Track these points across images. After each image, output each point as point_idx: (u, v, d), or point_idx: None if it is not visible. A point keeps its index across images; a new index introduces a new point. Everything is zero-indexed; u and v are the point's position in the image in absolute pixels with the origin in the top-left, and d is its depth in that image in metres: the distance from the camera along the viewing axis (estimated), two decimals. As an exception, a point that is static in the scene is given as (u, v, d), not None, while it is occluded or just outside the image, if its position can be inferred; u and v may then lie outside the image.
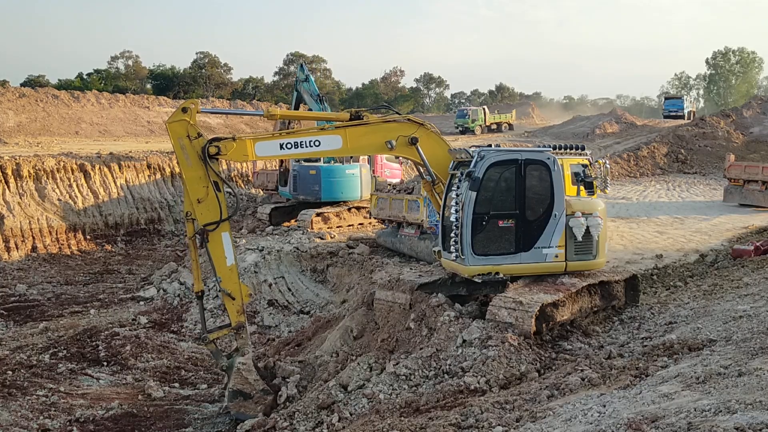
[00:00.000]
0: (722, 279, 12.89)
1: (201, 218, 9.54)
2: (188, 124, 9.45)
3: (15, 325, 14.62)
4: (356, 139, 10.25)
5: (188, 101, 9.74)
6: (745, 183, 23.85)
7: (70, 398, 10.85)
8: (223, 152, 9.60)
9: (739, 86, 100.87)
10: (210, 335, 9.90)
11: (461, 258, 9.89)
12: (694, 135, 39.94)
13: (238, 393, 9.74)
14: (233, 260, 9.79)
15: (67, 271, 19.41)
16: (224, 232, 9.65)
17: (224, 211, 9.59)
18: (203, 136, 9.59)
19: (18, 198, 20.98)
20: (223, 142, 9.63)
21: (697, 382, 6.13)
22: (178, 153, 9.57)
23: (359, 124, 10.24)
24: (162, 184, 26.06)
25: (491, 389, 8.07)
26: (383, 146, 10.37)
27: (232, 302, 9.69)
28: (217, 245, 9.64)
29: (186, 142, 9.48)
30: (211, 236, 9.56)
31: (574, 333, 10.01)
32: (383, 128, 10.38)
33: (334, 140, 10.20)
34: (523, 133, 57.08)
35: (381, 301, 11.02)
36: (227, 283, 9.65)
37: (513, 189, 10.00)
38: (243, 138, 9.93)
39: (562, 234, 10.08)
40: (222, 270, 9.66)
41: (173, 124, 9.51)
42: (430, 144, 10.58)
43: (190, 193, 9.61)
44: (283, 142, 10.03)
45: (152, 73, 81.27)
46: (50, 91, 50.45)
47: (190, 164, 9.50)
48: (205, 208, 9.54)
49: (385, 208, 17.27)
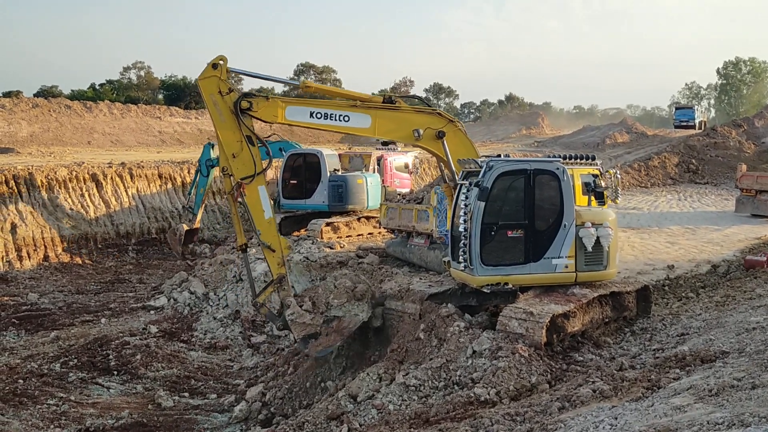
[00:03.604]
0: (735, 290, 12.78)
1: (237, 172, 9.78)
2: (219, 79, 9.70)
3: (26, 334, 14.68)
4: (385, 122, 10.37)
5: (218, 57, 9.95)
6: (758, 193, 23.65)
7: (80, 407, 10.87)
8: (254, 108, 9.82)
9: (751, 96, 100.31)
10: (259, 299, 10.33)
11: (470, 268, 9.87)
12: (706, 145, 39.72)
13: (307, 338, 10.03)
14: (271, 213, 10.10)
15: (79, 280, 19.51)
16: (260, 186, 9.93)
17: (258, 165, 9.83)
18: (235, 90, 9.82)
19: (30, 207, 21.14)
20: (256, 99, 9.88)
21: (710, 394, 6.07)
22: (210, 109, 9.79)
23: (391, 108, 10.34)
24: (173, 193, 26.19)
25: (502, 401, 8.02)
26: (410, 135, 10.49)
27: (273, 254, 9.98)
28: (254, 198, 9.94)
29: (218, 98, 9.71)
30: (247, 189, 9.85)
31: (585, 344, 9.95)
32: (413, 117, 10.48)
33: (363, 119, 10.34)
34: (533, 143, 57.02)
35: (391, 312, 11.00)
36: (266, 235, 9.91)
37: (522, 199, 9.98)
38: (275, 98, 10.17)
39: (572, 244, 10.02)
40: (260, 223, 9.91)
41: (204, 81, 9.79)
42: (456, 142, 10.64)
43: (225, 149, 9.84)
44: (314, 111, 10.24)
45: (164, 83, 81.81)
46: (63, 102, 50.96)
47: (223, 120, 9.72)
48: (240, 163, 9.77)
49: (394, 217, 17.26)
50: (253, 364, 13.55)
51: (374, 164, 23.65)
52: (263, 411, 10.61)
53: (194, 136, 51.47)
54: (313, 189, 20.81)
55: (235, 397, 11.45)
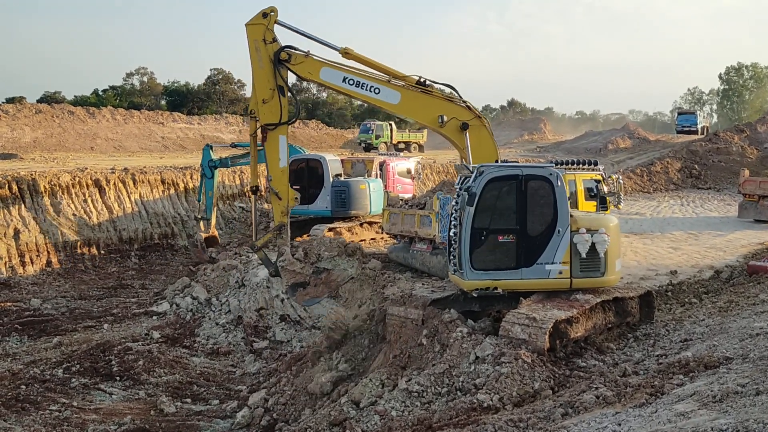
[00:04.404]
0: (738, 295, 12.75)
1: (263, 117, 10.43)
2: (266, 28, 10.27)
3: (29, 340, 14.69)
4: (413, 101, 10.77)
5: (269, 7, 10.75)
6: (760, 198, 23.64)
7: (83, 413, 10.87)
8: (292, 62, 10.43)
9: (753, 101, 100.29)
10: (258, 243, 10.92)
11: (460, 272, 9.97)
12: (708, 150, 39.72)
13: (295, 286, 10.57)
14: (285, 163, 10.62)
15: (81, 286, 19.52)
16: (282, 135, 10.50)
17: (284, 116, 10.41)
18: (278, 41, 10.32)
19: (33, 213, 21.17)
20: (295, 53, 10.46)
21: (713, 400, 6.05)
22: (252, 54, 10.28)
23: (422, 91, 10.65)
24: (176, 199, 26.21)
25: (505, 407, 7.99)
26: (434, 120, 10.84)
27: (279, 203, 10.73)
28: (273, 146, 10.66)
29: (261, 45, 10.31)
30: (269, 136, 10.42)
31: (588, 350, 9.92)
32: (442, 104, 10.81)
33: (393, 95, 10.76)
34: (536, 148, 57.05)
35: (393, 317, 10.99)
36: (277, 183, 10.62)
37: (513, 205, 9.97)
38: (314, 57, 10.70)
39: (567, 250, 9.96)
40: (274, 170, 10.48)
41: (251, 26, 10.26)
42: (479, 137, 10.86)
43: (257, 93, 10.43)
44: (348, 77, 10.92)
45: (167, 89, 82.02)
46: (66, 108, 51.11)
47: (261, 66, 10.30)
48: (268, 109, 10.39)
49: (397, 223, 17.27)
50: (255, 369, 13.53)
51: (377, 169, 23.66)
52: (266, 417, 10.59)
53: (197, 142, 51.54)
54: (316, 194, 20.83)
55: (238, 403, 11.43)
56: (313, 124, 68.56)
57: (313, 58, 10.59)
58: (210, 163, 21.93)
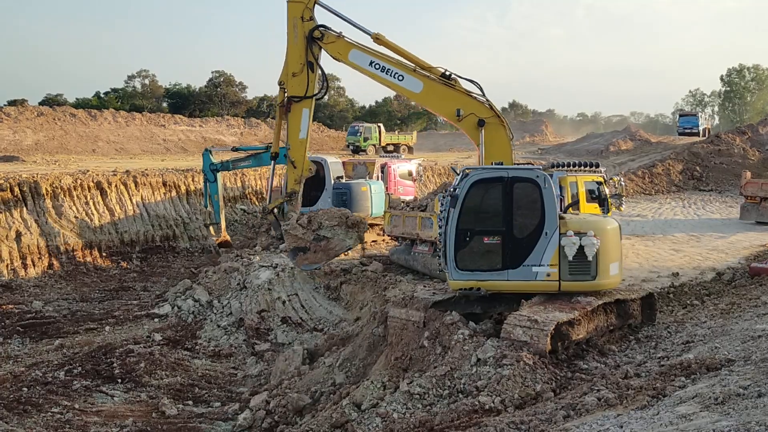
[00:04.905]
0: (740, 297, 12.74)
1: (290, 89, 11.38)
2: (305, 7, 11.06)
3: (31, 342, 14.70)
4: (434, 92, 11.35)
5: None
6: (762, 200, 23.62)
7: (84, 415, 10.88)
8: (324, 41, 11.28)
9: (755, 103, 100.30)
10: (269, 206, 12.16)
11: (446, 272, 10.12)
12: (710, 152, 39.70)
13: (296, 250, 11.42)
14: (305, 135, 11.46)
15: (83, 288, 19.53)
16: (305, 108, 11.33)
17: (310, 90, 11.27)
18: (315, 20, 11.14)
19: (35, 215, 21.19)
20: (329, 33, 11.25)
21: (715, 403, 6.04)
22: (289, 30, 11.05)
23: (445, 84, 11.07)
24: (177, 201, 26.22)
25: (506, 409, 7.99)
26: (453, 113, 11.35)
27: (293, 171, 11.44)
28: (296, 117, 11.31)
29: (299, 21, 11.15)
30: (293, 107, 11.27)
31: (589, 352, 9.91)
32: (463, 98, 11.22)
33: (415, 84, 11.38)
34: (537, 150, 57.06)
35: (395, 319, 10.99)
36: (294, 152, 11.56)
37: (499, 206, 9.98)
38: (346, 39, 11.47)
39: (555, 252, 9.88)
40: (293, 140, 11.37)
41: (293, 4, 11.00)
42: (495, 135, 11.14)
43: (288, 66, 11.23)
44: (375, 61, 11.47)
45: (168, 91, 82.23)
46: (68, 110, 51.25)
47: (296, 41, 11.13)
48: (296, 83, 11.26)
49: (398, 225, 17.26)
50: (257, 372, 13.53)
51: (378, 172, 23.68)
52: (267, 419, 10.58)
53: (198, 144, 51.64)
54: (317, 196, 20.81)
55: (239, 405, 11.43)
56: (314, 126, 68.66)
57: (344, 40, 11.27)
58: (212, 166, 21.95)
